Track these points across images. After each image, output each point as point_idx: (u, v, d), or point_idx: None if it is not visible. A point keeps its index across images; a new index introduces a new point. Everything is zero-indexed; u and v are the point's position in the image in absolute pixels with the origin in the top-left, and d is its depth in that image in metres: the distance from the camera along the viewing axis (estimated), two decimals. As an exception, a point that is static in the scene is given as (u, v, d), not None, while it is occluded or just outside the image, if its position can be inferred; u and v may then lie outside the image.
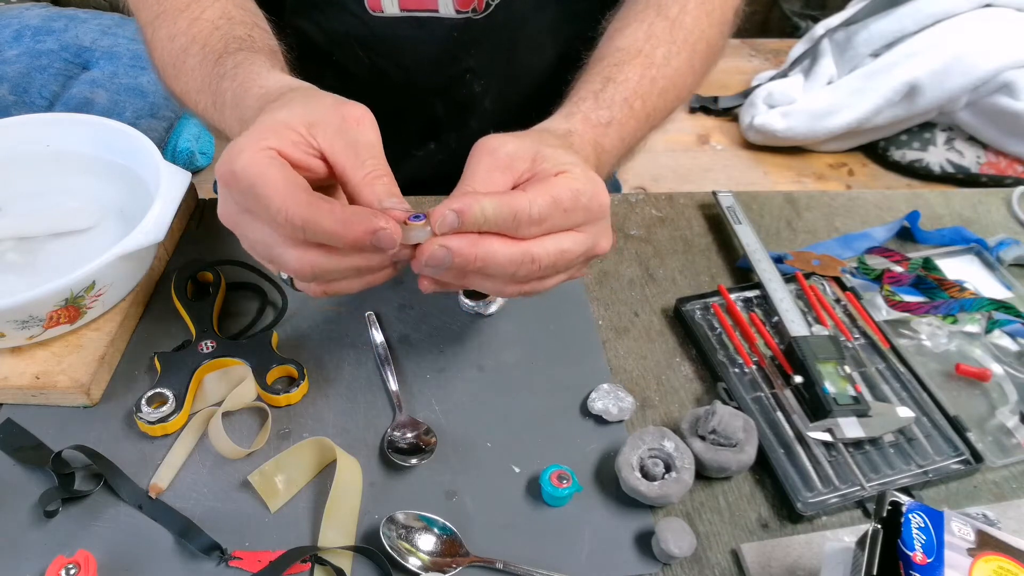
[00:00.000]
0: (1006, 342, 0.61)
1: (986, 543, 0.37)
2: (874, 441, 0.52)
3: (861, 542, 0.39)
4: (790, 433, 0.52)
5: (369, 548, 0.44)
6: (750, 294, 0.63)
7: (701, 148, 2.18)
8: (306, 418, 0.52)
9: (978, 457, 0.51)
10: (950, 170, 2.01)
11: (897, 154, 2.06)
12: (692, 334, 0.60)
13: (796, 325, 0.58)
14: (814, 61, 2.17)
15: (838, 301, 0.63)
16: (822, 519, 0.49)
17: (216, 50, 0.50)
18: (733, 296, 0.62)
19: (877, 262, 0.66)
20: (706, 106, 2.27)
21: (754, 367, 0.57)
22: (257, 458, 0.49)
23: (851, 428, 0.51)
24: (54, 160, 0.64)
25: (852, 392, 0.52)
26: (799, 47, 2.25)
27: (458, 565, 0.44)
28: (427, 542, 0.45)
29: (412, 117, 0.74)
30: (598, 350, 0.58)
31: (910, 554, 0.36)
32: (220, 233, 0.66)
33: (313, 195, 0.37)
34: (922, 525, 0.37)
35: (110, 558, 0.44)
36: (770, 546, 0.47)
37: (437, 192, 0.71)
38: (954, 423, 0.53)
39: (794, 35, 2.54)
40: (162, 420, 0.49)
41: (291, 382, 0.53)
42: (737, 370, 0.57)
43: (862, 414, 0.52)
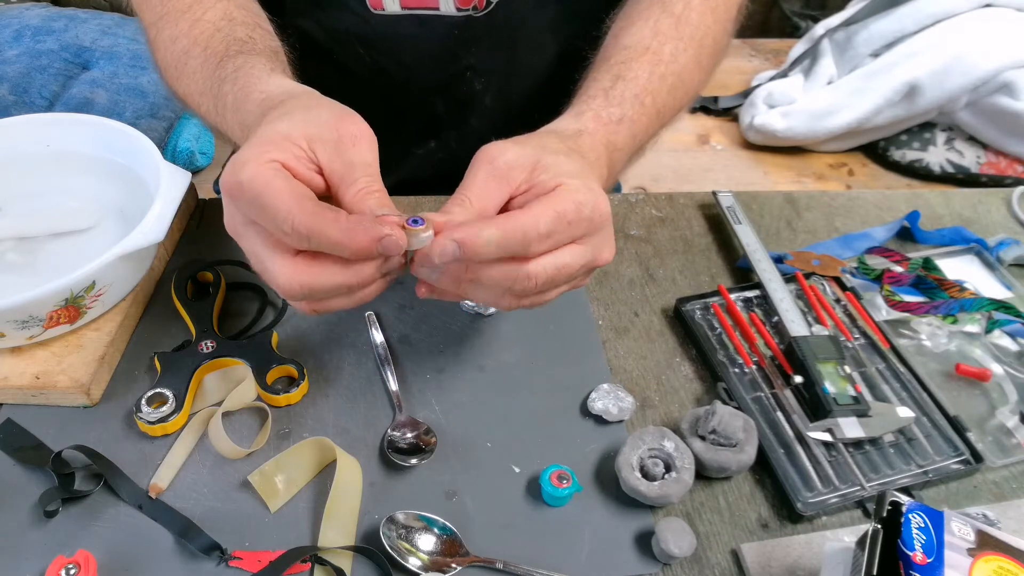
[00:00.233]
0: (1006, 342, 0.61)
1: (986, 543, 0.37)
2: (874, 441, 0.52)
3: (861, 542, 0.39)
4: (790, 433, 0.52)
5: (369, 548, 0.44)
6: (750, 294, 0.63)
7: (701, 148, 2.18)
8: (306, 418, 0.52)
9: (978, 457, 0.51)
10: (950, 170, 2.01)
11: (897, 154, 2.06)
12: (692, 334, 0.60)
13: (796, 325, 0.58)
14: (814, 61, 2.17)
15: (838, 301, 0.63)
16: (822, 519, 0.49)
17: (217, 53, 0.51)
18: (733, 296, 0.62)
19: (877, 262, 0.66)
20: (706, 106, 2.27)
21: (754, 367, 0.57)
22: (257, 458, 0.49)
23: (851, 428, 0.51)
24: (54, 160, 0.64)
25: (852, 392, 0.52)
26: (799, 47, 2.25)
27: (458, 565, 0.44)
28: (427, 542, 0.45)
29: (412, 115, 0.74)
30: (598, 350, 0.58)
31: (910, 554, 0.36)
32: (220, 233, 0.65)
33: (319, 205, 0.37)
34: (922, 525, 0.37)
35: (110, 558, 0.44)
36: (770, 546, 0.47)
37: (437, 192, 0.71)
38: (954, 423, 0.53)
39: (794, 35, 2.54)
40: (162, 420, 0.49)
41: (291, 382, 0.53)
42: (737, 370, 0.57)
43: (862, 414, 0.52)
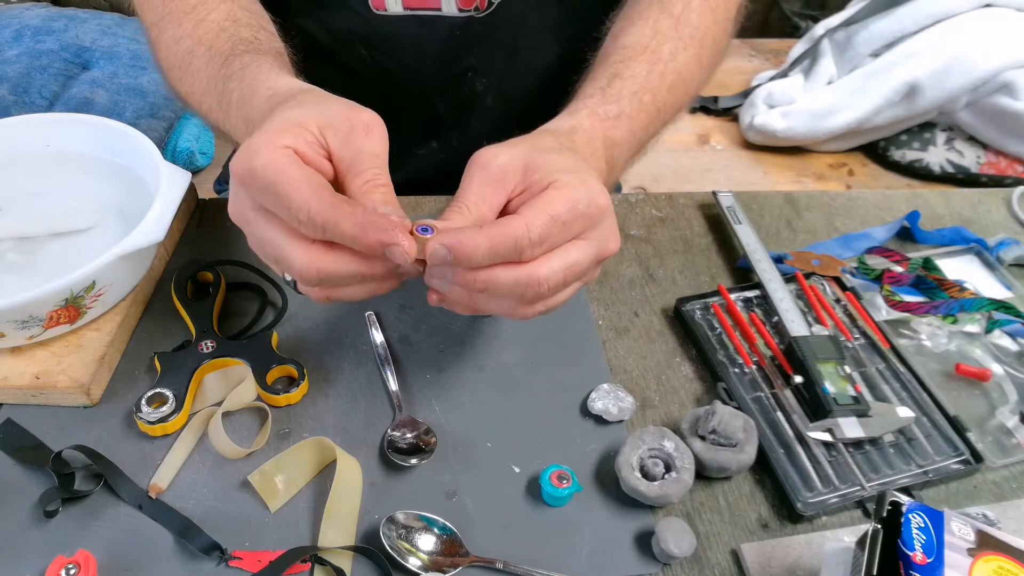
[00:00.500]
0: (1006, 342, 0.61)
1: (986, 543, 0.37)
2: (874, 441, 0.52)
3: (861, 542, 0.39)
4: (790, 433, 0.52)
5: (369, 548, 0.44)
6: (750, 294, 0.63)
7: (701, 148, 2.18)
8: (306, 418, 0.52)
9: (978, 457, 0.51)
10: (950, 170, 2.01)
11: (897, 154, 2.06)
12: (692, 334, 0.60)
13: (796, 325, 0.58)
14: (814, 61, 2.17)
15: (838, 301, 0.63)
16: (822, 519, 0.49)
17: (222, 52, 0.50)
18: (733, 296, 0.62)
19: (877, 262, 0.66)
20: (706, 106, 2.27)
21: (754, 367, 0.57)
22: (257, 458, 0.49)
23: (851, 428, 0.51)
24: (54, 160, 0.64)
25: (852, 392, 0.52)
26: (799, 47, 2.25)
27: (458, 565, 0.44)
28: (427, 542, 0.45)
29: (414, 115, 0.74)
30: (598, 350, 0.58)
31: (910, 554, 0.36)
32: (220, 233, 0.66)
33: (336, 196, 0.37)
34: (922, 525, 0.37)
35: (110, 558, 0.44)
36: (770, 546, 0.47)
37: (438, 192, 0.71)
38: (954, 423, 0.53)
39: (794, 35, 2.54)
40: (162, 420, 0.49)
41: (291, 382, 0.53)
42: (737, 370, 0.57)
43: (862, 414, 0.52)
